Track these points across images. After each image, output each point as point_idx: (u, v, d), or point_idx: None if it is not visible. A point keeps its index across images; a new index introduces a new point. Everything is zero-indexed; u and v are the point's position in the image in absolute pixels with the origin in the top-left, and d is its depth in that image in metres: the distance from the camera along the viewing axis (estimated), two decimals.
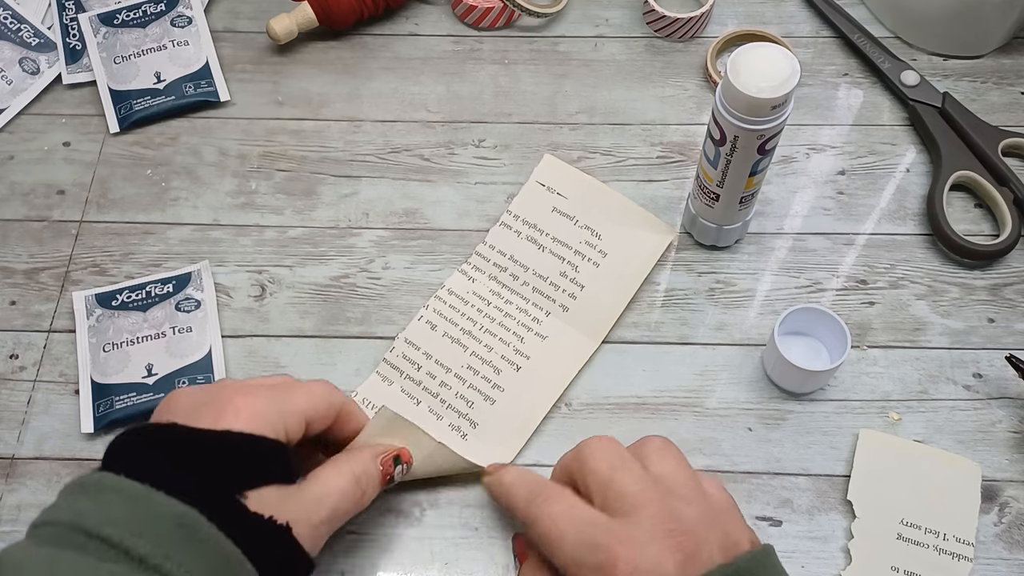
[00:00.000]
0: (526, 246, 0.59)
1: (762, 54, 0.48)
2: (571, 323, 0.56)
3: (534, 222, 0.60)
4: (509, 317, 0.56)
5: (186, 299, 0.57)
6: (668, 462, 0.43)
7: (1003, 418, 0.54)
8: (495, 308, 0.57)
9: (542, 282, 0.58)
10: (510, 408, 0.54)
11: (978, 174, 0.61)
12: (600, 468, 0.42)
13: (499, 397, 0.54)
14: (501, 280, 0.58)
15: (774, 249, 0.60)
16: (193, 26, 0.68)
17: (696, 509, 0.41)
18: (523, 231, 0.59)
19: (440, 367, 0.55)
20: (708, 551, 0.40)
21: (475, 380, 0.54)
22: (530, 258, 0.58)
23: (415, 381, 0.54)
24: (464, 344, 0.56)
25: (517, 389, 0.54)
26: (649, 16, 0.69)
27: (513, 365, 0.55)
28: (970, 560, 0.49)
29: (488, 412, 0.53)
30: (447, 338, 0.56)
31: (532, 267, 0.58)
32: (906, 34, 0.68)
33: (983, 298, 0.58)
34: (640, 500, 0.41)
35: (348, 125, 0.65)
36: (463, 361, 0.55)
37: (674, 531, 0.40)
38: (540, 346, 0.56)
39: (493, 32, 0.70)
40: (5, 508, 0.51)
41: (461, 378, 0.54)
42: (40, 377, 0.56)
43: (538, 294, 0.57)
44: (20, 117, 0.66)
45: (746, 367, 0.56)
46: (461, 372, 0.55)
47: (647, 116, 0.66)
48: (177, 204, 0.62)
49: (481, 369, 0.55)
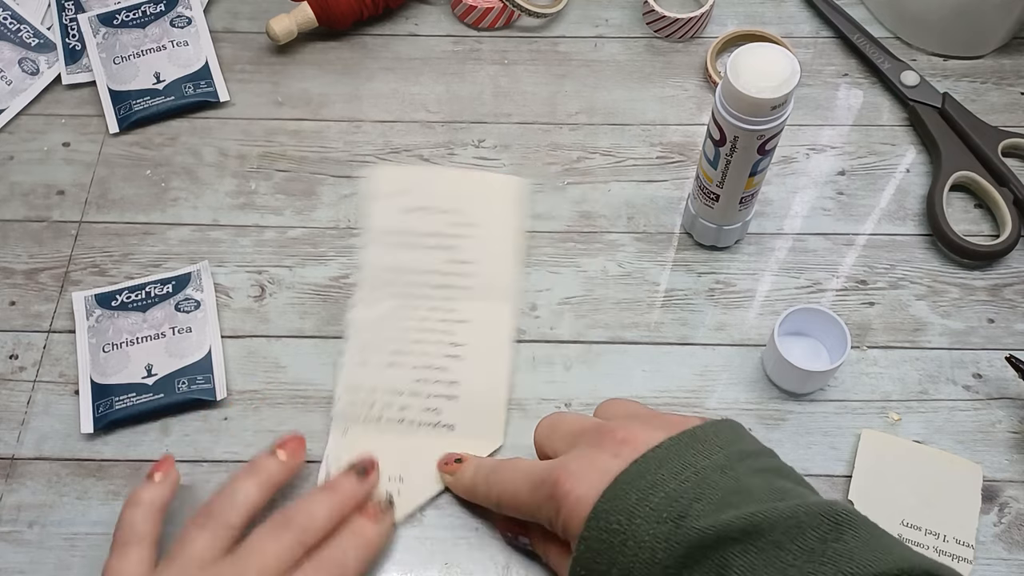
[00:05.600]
0: (401, 253, 0.59)
1: (762, 54, 0.48)
2: (479, 297, 0.57)
3: (394, 229, 0.60)
4: (426, 320, 0.56)
5: (186, 299, 0.57)
6: (618, 406, 0.48)
7: (1003, 418, 0.54)
8: (409, 319, 0.56)
9: (434, 276, 0.58)
10: (474, 397, 0.54)
11: (978, 174, 0.61)
12: (542, 430, 0.48)
13: (459, 392, 0.54)
14: (398, 293, 0.57)
15: (774, 249, 0.60)
16: (193, 26, 0.68)
17: (639, 423, 0.44)
18: (390, 242, 0.59)
19: (391, 394, 0.54)
20: (650, 441, 0.41)
21: (430, 388, 0.54)
22: (411, 261, 0.58)
23: (375, 418, 0.54)
24: (401, 363, 0.55)
25: (470, 375, 0.55)
26: (649, 16, 0.69)
27: (454, 358, 0.55)
28: (970, 562, 0.49)
29: (457, 410, 0.54)
30: (382, 365, 0.55)
31: (417, 268, 0.58)
32: (906, 34, 0.68)
33: (983, 298, 0.58)
34: (579, 433, 0.45)
35: (348, 125, 0.65)
36: (409, 377, 0.55)
37: (611, 440, 0.42)
38: (467, 329, 0.56)
39: (493, 32, 0.70)
40: (5, 508, 0.51)
41: (416, 393, 0.54)
42: (40, 377, 0.56)
43: (437, 288, 0.57)
44: (20, 117, 0.66)
45: (746, 367, 0.56)
46: (413, 388, 0.54)
47: (647, 116, 0.66)
48: (177, 204, 0.62)
49: (429, 376, 0.55)
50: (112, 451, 0.53)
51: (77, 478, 0.52)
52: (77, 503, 0.51)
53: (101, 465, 0.53)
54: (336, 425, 0.53)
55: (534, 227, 0.61)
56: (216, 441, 0.53)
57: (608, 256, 0.60)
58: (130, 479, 0.52)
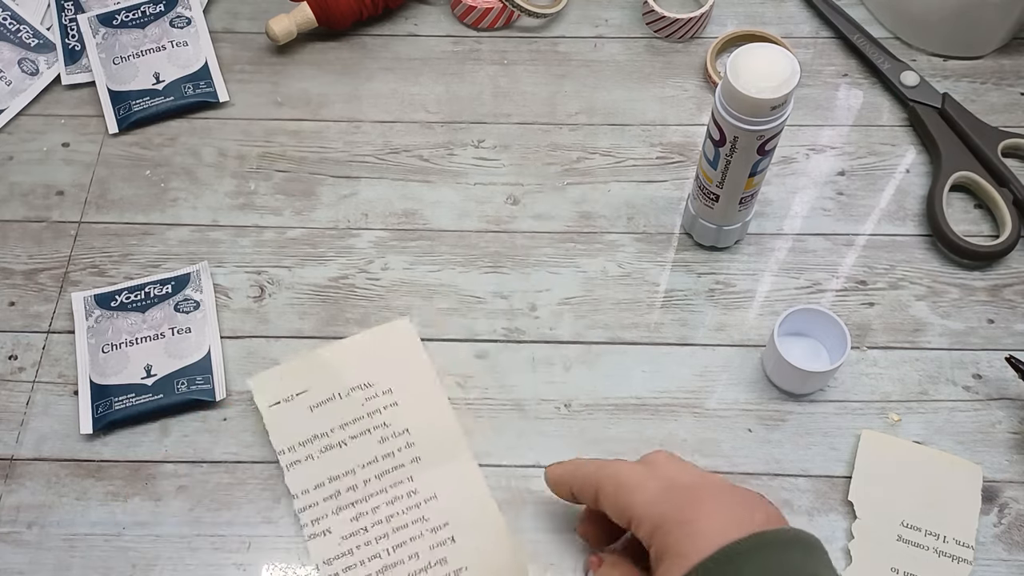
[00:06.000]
0: (328, 458, 0.52)
1: (762, 54, 0.48)
2: (435, 464, 0.52)
3: (311, 435, 0.52)
4: (394, 517, 0.50)
5: (185, 300, 0.57)
6: (675, 465, 0.46)
7: (1003, 419, 0.54)
8: (375, 524, 0.50)
9: (376, 465, 0.52)
10: (488, 567, 0.49)
11: (978, 175, 0.61)
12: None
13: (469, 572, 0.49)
14: (345, 503, 0.51)
15: (774, 250, 0.60)
16: (192, 27, 0.68)
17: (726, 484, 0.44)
18: (312, 452, 0.52)
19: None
20: (779, 521, 0.42)
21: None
22: (343, 462, 0.52)
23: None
24: (395, 572, 0.49)
25: (474, 558, 0.49)
26: (649, 17, 0.69)
27: (445, 544, 0.50)
28: (969, 563, 0.49)
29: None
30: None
31: (353, 466, 0.52)
32: (906, 35, 0.68)
33: (983, 299, 0.58)
34: (696, 482, 0.43)
35: (347, 126, 0.65)
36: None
37: (760, 504, 0.42)
38: (441, 506, 0.50)
39: (492, 33, 0.70)
40: (5, 509, 0.51)
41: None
42: (39, 378, 0.56)
43: (385, 476, 0.51)
44: (19, 118, 0.66)
45: (746, 368, 0.56)
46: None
47: (647, 116, 0.65)
48: (176, 205, 0.62)
49: (432, 571, 0.49)
50: (111, 452, 0.53)
51: (76, 479, 0.52)
52: (76, 504, 0.51)
53: (100, 466, 0.53)
54: None
55: (534, 227, 0.61)
56: (215, 442, 0.53)
57: (608, 256, 0.60)
58: (129, 480, 0.52)
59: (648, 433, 0.53)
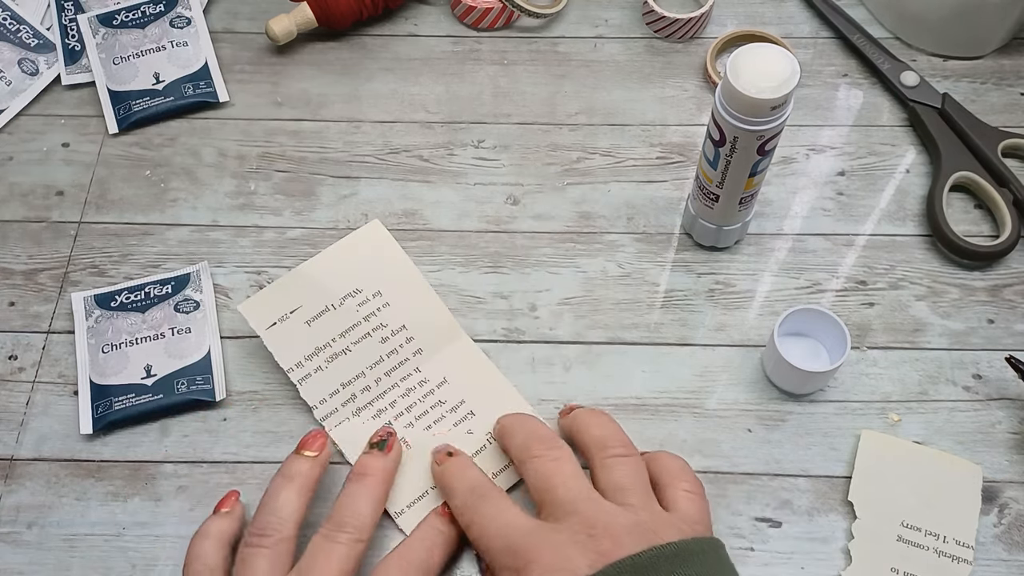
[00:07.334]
0: (336, 366, 0.54)
1: (762, 55, 0.48)
2: (436, 349, 0.55)
3: (314, 348, 0.54)
4: (413, 407, 0.54)
5: (185, 300, 0.57)
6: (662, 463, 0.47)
7: (1003, 419, 0.54)
8: (397, 416, 0.53)
9: (383, 364, 0.54)
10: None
11: (978, 175, 0.61)
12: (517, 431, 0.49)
13: (482, 439, 0.53)
14: (363, 403, 0.53)
15: (774, 250, 0.60)
16: (192, 27, 0.68)
17: (636, 516, 0.43)
18: (319, 364, 0.54)
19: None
20: (627, 549, 0.41)
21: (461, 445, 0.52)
22: (351, 368, 0.54)
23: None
24: (422, 447, 0.52)
25: (487, 416, 0.53)
26: (648, 17, 0.69)
27: (467, 418, 0.53)
28: (969, 563, 0.49)
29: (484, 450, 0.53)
30: (412, 462, 0.52)
31: (362, 368, 0.54)
32: (906, 35, 0.68)
33: (983, 299, 0.58)
34: (573, 508, 0.43)
35: (347, 126, 0.65)
36: (431, 445, 0.52)
37: (596, 535, 0.41)
38: (455, 386, 0.54)
39: (492, 33, 0.70)
40: (4, 509, 0.51)
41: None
42: (39, 378, 0.56)
43: (394, 372, 0.54)
44: (19, 118, 0.66)
45: (746, 368, 0.56)
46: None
47: (647, 117, 0.65)
48: (176, 205, 0.62)
49: (463, 446, 0.52)
50: (111, 452, 0.53)
51: (76, 479, 0.52)
52: (76, 504, 0.51)
53: (100, 466, 0.53)
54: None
55: (534, 227, 0.61)
56: (215, 442, 0.53)
57: (608, 256, 0.60)
58: (129, 480, 0.52)
59: (648, 433, 0.53)
